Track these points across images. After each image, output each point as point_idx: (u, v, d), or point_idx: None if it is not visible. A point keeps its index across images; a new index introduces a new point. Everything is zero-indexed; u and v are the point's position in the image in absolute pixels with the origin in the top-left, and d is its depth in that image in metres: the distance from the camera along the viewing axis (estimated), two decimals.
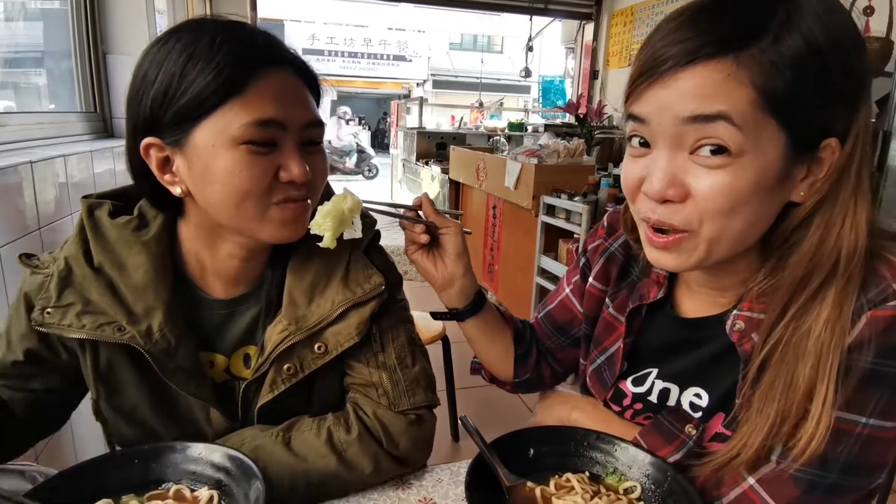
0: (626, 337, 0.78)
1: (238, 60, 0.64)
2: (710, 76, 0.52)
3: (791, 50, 0.52)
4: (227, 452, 0.62)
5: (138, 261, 0.73)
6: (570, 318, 0.91)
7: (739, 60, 0.52)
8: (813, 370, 0.55)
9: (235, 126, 0.64)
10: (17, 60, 2.04)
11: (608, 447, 0.68)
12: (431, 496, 0.70)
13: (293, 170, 0.68)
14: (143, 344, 0.69)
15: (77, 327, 0.69)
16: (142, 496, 0.60)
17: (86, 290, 0.71)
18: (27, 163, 1.39)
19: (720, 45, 0.52)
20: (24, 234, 1.36)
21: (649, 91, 0.56)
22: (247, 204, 0.68)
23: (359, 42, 18.72)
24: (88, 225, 0.74)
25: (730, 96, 0.52)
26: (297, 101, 0.69)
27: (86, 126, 2.19)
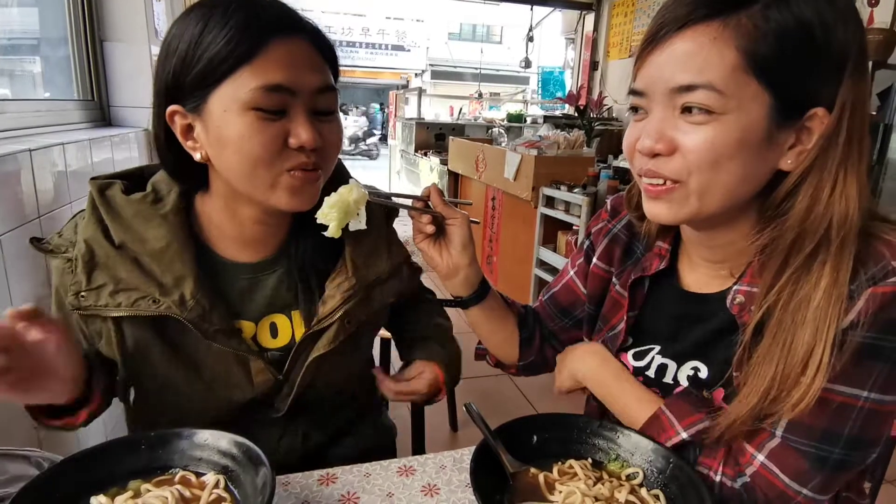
0: (629, 311, 0.80)
1: (249, 28, 0.66)
2: (698, 39, 0.56)
3: (778, 19, 0.55)
4: (234, 439, 0.63)
5: (159, 233, 0.74)
6: (574, 299, 0.93)
7: (726, 23, 0.55)
8: (811, 336, 0.57)
9: (245, 91, 0.66)
10: (12, 47, 2.02)
11: (611, 434, 0.69)
12: (435, 482, 0.70)
13: (302, 135, 0.69)
14: (179, 312, 0.72)
15: (113, 306, 0.71)
16: (148, 481, 0.60)
17: (113, 269, 0.72)
18: (26, 151, 1.39)
19: (710, 8, 0.56)
20: (23, 223, 1.35)
21: (647, 60, 0.60)
22: (258, 170, 0.70)
23: (357, 31, 18.61)
24: (101, 204, 0.75)
25: (714, 61, 0.56)
26: (309, 68, 0.70)
27: (83, 114, 2.18)
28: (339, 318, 0.81)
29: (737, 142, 0.57)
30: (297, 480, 0.70)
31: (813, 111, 0.58)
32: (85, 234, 0.74)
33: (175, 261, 0.74)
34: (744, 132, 0.57)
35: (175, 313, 0.71)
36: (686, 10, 0.57)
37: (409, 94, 7.70)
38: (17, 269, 1.29)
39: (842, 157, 0.58)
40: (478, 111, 9.29)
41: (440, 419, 2.37)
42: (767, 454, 0.62)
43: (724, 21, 0.55)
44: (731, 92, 0.56)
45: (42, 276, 1.45)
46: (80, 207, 1.68)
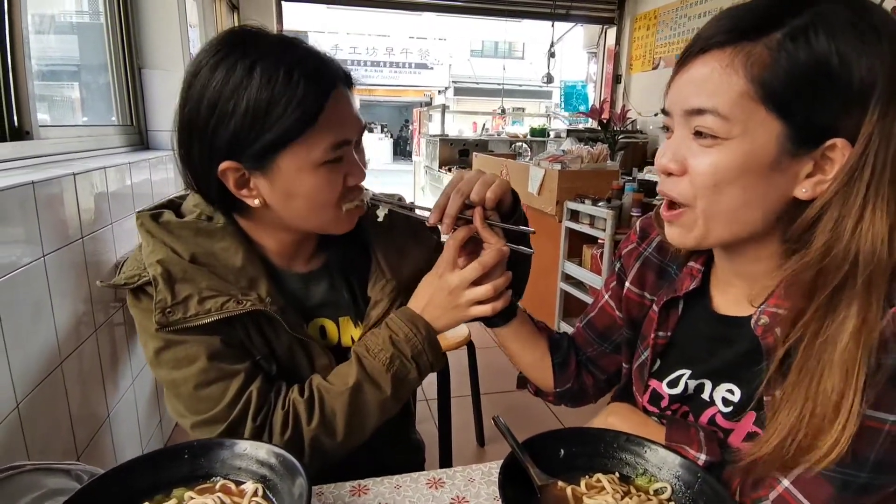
0: (657, 330, 0.79)
1: (316, 94, 0.72)
2: (712, 64, 0.57)
3: (791, 51, 0.54)
4: (272, 449, 0.65)
5: (224, 244, 0.80)
6: (611, 322, 0.93)
7: (739, 51, 0.56)
8: (840, 382, 0.55)
9: (317, 152, 0.74)
10: (52, 74, 2.12)
11: (638, 449, 0.69)
12: (464, 495, 0.72)
13: (358, 176, 0.80)
14: (263, 307, 0.77)
15: (203, 313, 0.74)
16: (191, 489, 0.63)
17: (194, 281, 0.76)
18: (70, 175, 1.46)
19: (729, 34, 0.57)
20: (67, 244, 1.42)
21: (675, 80, 0.62)
22: (325, 212, 0.79)
23: (381, 51, 18.94)
24: (160, 229, 0.79)
25: (723, 87, 0.56)
26: (354, 115, 0.78)
27: (122, 139, 2.27)
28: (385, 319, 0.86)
29: (739, 167, 0.58)
30: (329, 491, 0.72)
31: (832, 142, 0.56)
32: (155, 257, 0.76)
33: (247, 266, 0.80)
34: (747, 158, 0.57)
35: (260, 308, 0.77)
36: (708, 34, 0.58)
37: (432, 111, 7.80)
38: (60, 287, 1.35)
39: (867, 191, 0.55)
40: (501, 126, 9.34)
41: (466, 434, 2.37)
42: (794, 480, 0.60)
43: (737, 48, 0.56)
44: (735, 118, 0.56)
45: (84, 293, 1.51)
46: (120, 228, 1.77)
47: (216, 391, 0.75)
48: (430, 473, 0.76)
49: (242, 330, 0.80)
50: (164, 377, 0.78)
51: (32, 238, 1.25)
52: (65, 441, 1.39)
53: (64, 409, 1.38)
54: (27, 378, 1.21)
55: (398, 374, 0.80)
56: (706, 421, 0.73)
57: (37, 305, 1.27)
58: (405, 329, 0.81)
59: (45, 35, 2.04)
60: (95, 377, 1.58)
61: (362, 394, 0.79)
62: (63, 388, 1.37)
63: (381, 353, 0.80)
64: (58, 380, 1.35)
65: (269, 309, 0.78)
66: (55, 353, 1.34)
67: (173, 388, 0.77)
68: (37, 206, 1.26)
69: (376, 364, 0.79)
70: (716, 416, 0.73)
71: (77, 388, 1.44)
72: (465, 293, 0.81)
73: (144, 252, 0.78)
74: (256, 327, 0.81)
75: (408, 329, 0.81)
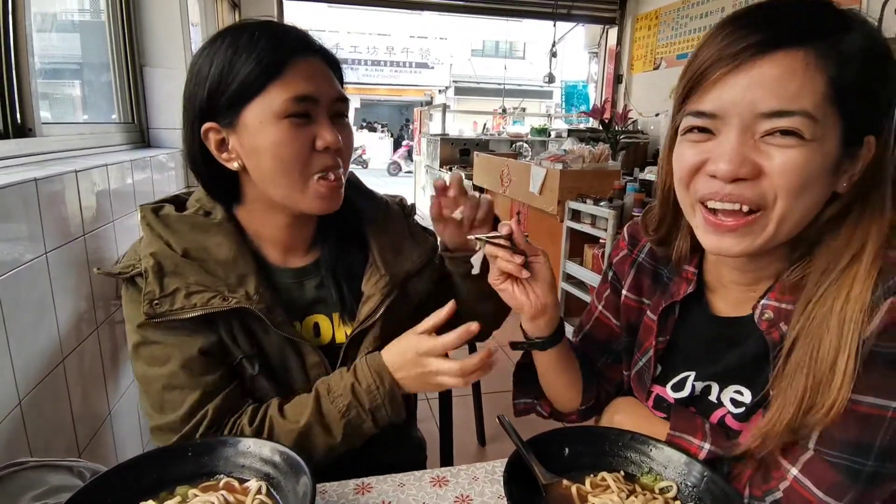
0: (657, 335, 0.79)
1: (275, 50, 0.76)
2: (791, 64, 0.55)
3: (856, 45, 0.56)
4: (276, 447, 0.65)
5: (218, 240, 0.82)
6: (609, 332, 0.91)
7: (818, 49, 0.55)
8: (836, 342, 0.57)
9: (278, 103, 0.75)
10: (54, 72, 2.12)
11: (643, 447, 0.69)
12: (468, 493, 0.72)
13: (327, 136, 0.78)
14: (249, 305, 0.78)
15: (189, 307, 0.76)
16: (195, 486, 0.63)
17: (183, 275, 0.78)
18: (72, 172, 1.45)
19: (800, 34, 0.55)
20: (69, 241, 1.41)
21: (722, 81, 0.57)
22: (292, 174, 0.78)
23: (382, 50, 18.93)
24: (158, 223, 0.82)
25: (808, 88, 0.55)
26: (326, 81, 0.80)
27: (124, 136, 2.27)
28: (382, 316, 0.87)
29: (820, 167, 0.57)
30: (333, 489, 0.72)
31: (868, 138, 0.58)
32: (149, 249, 0.79)
33: (237, 262, 0.81)
34: (825, 159, 0.57)
35: (245, 305, 0.78)
36: (775, 33, 0.56)
37: (433, 111, 7.79)
38: (62, 284, 1.35)
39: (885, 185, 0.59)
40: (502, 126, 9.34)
41: (468, 433, 2.37)
42: (801, 467, 0.61)
43: (814, 47, 0.55)
44: (821, 119, 0.55)
45: (86, 291, 1.51)
46: (121, 226, 1.76)
47: (178, 398, 0.77)
48: (433, 472, 0.76)
49: (226, 327, 0.81)
50: (139, 372, 0.80)
51: (35, 235, 1.25)
52: (67, 438, 1.38)
53: (66, 406, 1.38)
54: (30, 375, 1.20)
55: (352, 423, 0.79)
56: (716, 422, 0.73)
57: (39, 302, 1.27)
58: (369, 379, 0.80)
59: (48, 33, 2.04)
60: (97, 374, 1.57)
61: (311, 436, 0.78)
62: (65, 385, 1.37)
63: (339, 398, 0.79)
64: (59, 377, 1.34)
65: (255, 307, 0.78)
66: (57, 350, 1.34)
67: (144, 384, 0.80)
68: (39, 202, 1.26)
69: (332, 409, 0.79)
70: (725, 418, 0.72)
71: (79, 385, 1.44)
72: (432, 362, 0.78)
73: (142, 244, 0.82)
74: (243, 325, 0.81)
75: (371, 380, 0.80)
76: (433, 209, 0.94)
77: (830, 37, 0.55)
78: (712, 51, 0.58)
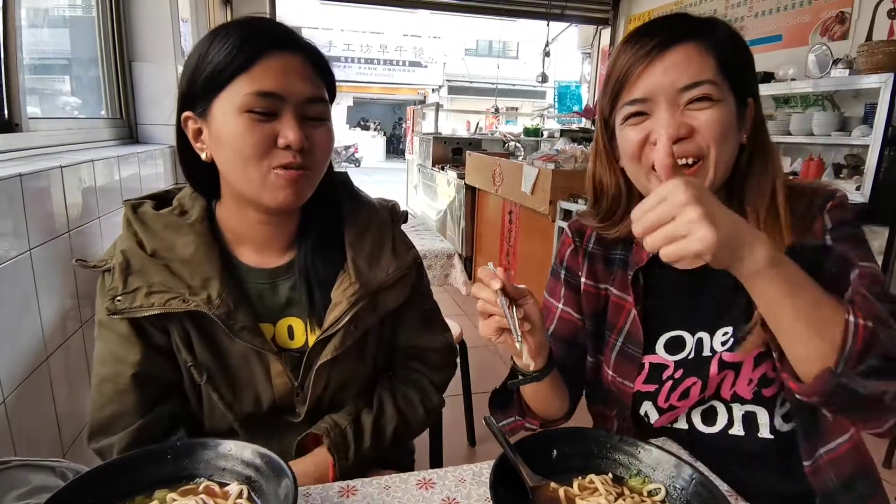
0: (636, 305, 0.85)
1: (245, 42, 0.75)
2: (689, 52, 0.74)
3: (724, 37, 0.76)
4: (258, 450, 0.64)
5: (187, 240, 0.82)
6: (574, 328, 0.93)
7: (703, 40, 0.74)
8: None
9: (240, 96, 0.75)
10: (43, 67, 2.09)
11: (632, 449, 0.68)
12: (454, 496, 0.71)
13: (289, 135, 0.76)
14: (207, 309, 0.78)
15: (147, 306, 0.78)
16: (174, 490, 0.61)
17: (147, 275, 0.79)
18: (57, 167, 1.43)
19: (688, 33, 0.75)
20: (53, 237, 1.39)
21: (645, 73, 0.74)
22: (250, 166, 0.77)
23: (375, 48, 18.89)
24: (135, 220, 0.83)
25: (706, 65, 0.73)
26: (299, 78, 0.77)
27: (112, 132, 2.25)
28: (346, 324, 0.84)
29: (729, 119, 0.74)
30: (317, 492, 0.71)
31: (749, 100, 0.78)
32: (122, 246, 0.82)
33: (202, 264, 0.80)
34: (731, 114, 0.75)
35: (203, 309, 0.77)
36: (673, 33, 0.75)
37: (426, 110, 7.78)
38: (46, 281, 1.33)
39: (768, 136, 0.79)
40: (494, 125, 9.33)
41: (458, 434, 2.36)
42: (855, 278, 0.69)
43: (700, 39, 0.74)
44: (719, 85, 0.73)
45: (70, 288, 1.49)
46: (108, 222, 1.74)
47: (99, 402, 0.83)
48: (420, 474, 0.75)
49: (182, 332, 0.81)
50: (94, 358, 0.84)
51: (19, 231, 1.23)
52: (51, 438, 1.37)
53: (50, 404, 1.36)
54: (14, 373, 1.19)
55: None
56: (715, 371, 0.79)
57: (23, 299, 1.25)
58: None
59: (37, 28, 2.01)
60: (82, 373, 1.55)
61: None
62: (49, 383, 1.35)
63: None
64: (44, 375, 1.33)
65: (214, 311, 0.78)
66: (41, 347, 1.32)
67: (94, 372, 0.83)
68: (24, 198, 1.24)
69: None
70: (722, 357, 0.79)
71: (63, 384, 1.42)
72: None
73: (118, 239, 0.83)
74: (203, 329, 0.81)
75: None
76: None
77: (707, 33, 0.75)
78: (628, 56, 0.76)
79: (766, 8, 4.41)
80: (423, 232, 2.70)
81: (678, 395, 0.82)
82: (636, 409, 0.86)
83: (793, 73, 3.89)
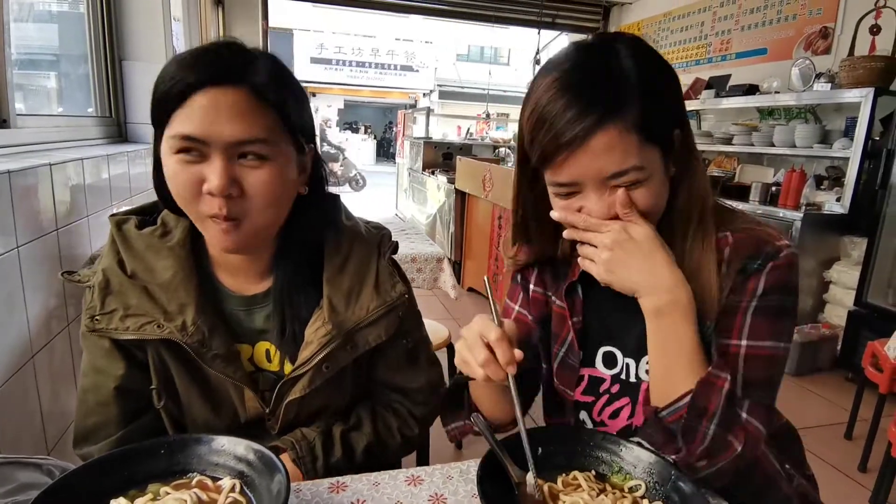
0: (571, 317, 0.86)
1: (177, 79, 0.70)
2: (609, 138, 0.68)
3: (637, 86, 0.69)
4: (251, 445, 0.65)
5: (166, 264, 0.80)
6: (528, 330, 0.92)
7: (623, 118, 0.68)
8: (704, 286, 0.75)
9: (169, 137, 0.72)
10: (30, 63, 2.07)
11: (614, 447, 0.71)
12: (442, 492, 0.72)
13: (212, 181, 0.71)
14: (180, 337, 0.77)
15: (122, 329, 0.77)
16: (167, 484, 0.62)
17: (125, 297, 0.79)
18: (46, 165, 1.43)
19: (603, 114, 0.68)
20: (41, 235, 1.39)
21: (570, 159, 0.70)
22: (188, 209, 0.75)
23: (366, 52, 18.88)
24: (119, 238, 0.83)
25: (629, 148, 0.69)
26: (228, 119, 0.70)
27: (101, 130, 2.23)
28: (316, 364, 0.81)
29: (658, 189, 0.73)
30: (307, 488, 0.72)
31: (675, 132, 0.74)
32: (103, 264, 0.81)
33: (179, 289, 0.79)
34: (661, 180, 0.73)
35: (176, 337, 0.77)
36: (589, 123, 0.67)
37: (417, 114, 7.81)
38: (33, 280, 1.32)
39: (695, 157, 0.77)
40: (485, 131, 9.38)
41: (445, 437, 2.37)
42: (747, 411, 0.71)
43: (620, 116, 0.68)
44: (646, 164, 0.70)
45: (57, 287, 1.48)
46: (96, 221, 1.73)
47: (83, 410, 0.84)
48: (408, 471, 0.76)
49: (156, 354, 0.81)
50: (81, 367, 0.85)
51: (6, 228, 1.23)
52: (35, 436, 1.36)
53: (35, 403, 1.35)
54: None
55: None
56: (644, 399, 0.80)
57: (9, 297, 1.24)
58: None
59: (25, 23, 1.99)
60: (67, 372, 1.54)
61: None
62: (34, 381, 1.34)
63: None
64: (29, 373, 1.32)
65: (187, 339, 0.77)
66: (27, 346, 1.31)
67: (80, 381, 0.84)
68: (12, 195, 1.24)
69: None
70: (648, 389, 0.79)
71: (48, 382, 1.41)
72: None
73: (102, 254, 0.83)
74: (176, 354, 0.80)
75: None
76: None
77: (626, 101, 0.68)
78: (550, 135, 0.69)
79: (752, 22, 4.49)
80: (413, 235, 2.71)
81: (609, 413, 0.84)
82: (577, 417, 0.88)
83: (777, 86, 3.97)
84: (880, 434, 2.20)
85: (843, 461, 2.33)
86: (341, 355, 0.83)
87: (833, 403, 2.79)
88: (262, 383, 0.86)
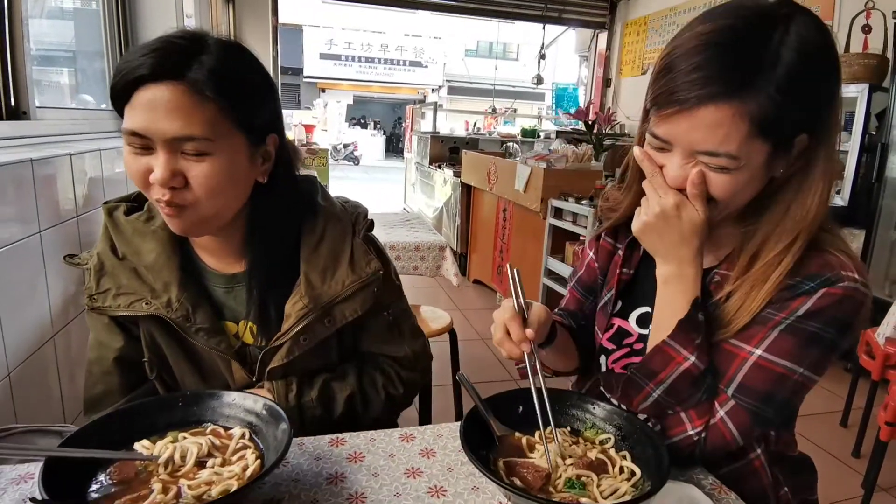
0: (622, 266, 0.90)
1: (123, 76, 0.73)
2: (719, 114, 0.66)
3: (780, 79, 0.64)
4: (259, 399, 0.72)
5: (150, 246, 0.88)
6: (595, 276, 0.99)
7: (744, 101, 0.65)
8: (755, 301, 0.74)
9: (122, 129, 0.75)
10: (47, 58, 2.15)
11: (588, 406, 0.77)
12: (432, 447, 0.79)
13: (156, 173, 0.74)
14: (165, 313, 0.85)
15: (115, 307, 0.86)
16: (185, 431, 0.70)
17: (117, 277, 0.88)
18: (67, 155, 1.50)
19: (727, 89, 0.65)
20: (62, 221, 1.46)
21: (673, 118, 0.69)
22: (144, 194, 0.80)
23: (376, 47, 18.94)
24: (110, 224, 0.90)
25: (733, 134, 0.66)
26: (166, 115, 0.72)
27: (116, 123, 2.29)
28: (294, 336, 0.87)
29: (747, 181, 0.70)
30: (310, 442, 0.79)
31: (800, 137, 0.69)
32: (98, 248, 0.90)
33: (163, 269, 0.87)
34: (752, 174, 0.70)
35: (161, 313, 0.85)
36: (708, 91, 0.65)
37: (425, 109, 7.84)
38: (54, 264, 1.40)
39: (823, 165, 0.71)
40: (493, 126, 9.41)
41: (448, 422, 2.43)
42: (727, 411, 0.75)
43: (738, 100, 0.65)
44: (743, 156, 0.67)
45: (76, 271, 1.55)
46: None
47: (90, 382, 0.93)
48: (403, 430, 0.83)
49: (147, 330, 0.88)
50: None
51: (29, 213, 1.30)
52: (55, 412, 1.43)
53: (55, 381, 1.43)
54: (20, 348, 1.25)
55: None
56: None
57: (32, 279, 1.32)
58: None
59: (42, 20, 2.07)
60: (84, 354, 1.62)
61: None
62: (55, 360, 1.42)
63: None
64: (49, 352, 1.39)
65: (171, 315, 0.84)
66: (48, 326, 1.39)
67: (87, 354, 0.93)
68: (34, 183, 1.31)
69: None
70: None
71: (67, 362, 1.49)
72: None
73: (98, 239, 0.91)
74: (165, 329, 0.87)
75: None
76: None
77: (756, 80, 0.64)
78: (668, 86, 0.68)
79: None
80: (417, 226, 2.78)
81: (623, 365, 0.89)
82: (598, 361, 0.94)
83: None
84: (872, 420, 2.24)
85: (838, 447, 2.38)
86: (319, 328, 0.88)
87: (831, 392, 2.83)
88: (249, 358, 0.91)
